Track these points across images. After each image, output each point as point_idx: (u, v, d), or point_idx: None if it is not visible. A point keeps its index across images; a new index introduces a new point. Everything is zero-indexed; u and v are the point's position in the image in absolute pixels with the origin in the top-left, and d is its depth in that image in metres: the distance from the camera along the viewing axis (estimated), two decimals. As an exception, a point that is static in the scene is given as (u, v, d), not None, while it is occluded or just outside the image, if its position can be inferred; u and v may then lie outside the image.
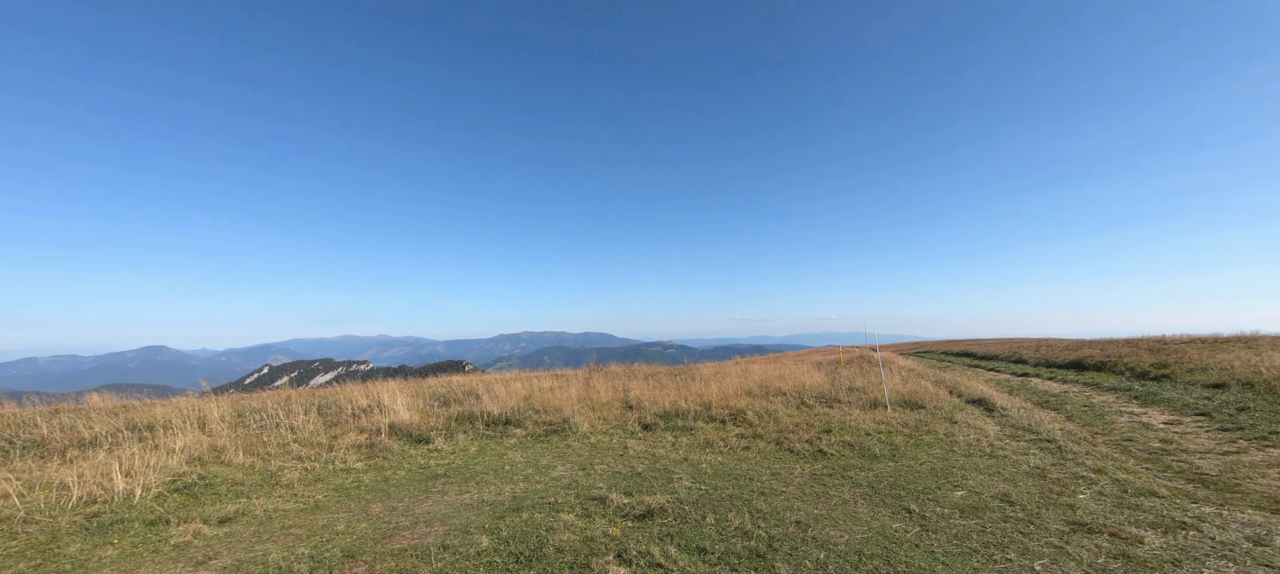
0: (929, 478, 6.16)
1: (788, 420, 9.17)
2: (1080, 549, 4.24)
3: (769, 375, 15.41)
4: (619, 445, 8.48)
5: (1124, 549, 4.19)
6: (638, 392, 12.62)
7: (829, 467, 6.80)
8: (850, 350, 28.78)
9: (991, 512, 5.08)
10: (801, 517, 5.07)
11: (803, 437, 8.13)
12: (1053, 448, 7.22)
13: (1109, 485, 5.68)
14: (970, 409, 10.02)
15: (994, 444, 7.49)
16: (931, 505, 5.29)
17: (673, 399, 11.17)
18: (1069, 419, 9.19)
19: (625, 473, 6.91)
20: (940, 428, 8.42)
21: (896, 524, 4.86)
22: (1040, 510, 5.04)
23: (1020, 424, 8.68)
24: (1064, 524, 4.72)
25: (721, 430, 8.95)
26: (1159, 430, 8.10)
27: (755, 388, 12.85)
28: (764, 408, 10.26)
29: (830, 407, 10.38)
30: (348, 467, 7.73)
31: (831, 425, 8.70)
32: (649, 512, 5.21)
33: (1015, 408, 10.00)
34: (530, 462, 7.72)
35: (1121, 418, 9.06)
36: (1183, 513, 4.88)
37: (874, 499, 5.56)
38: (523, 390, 13.48)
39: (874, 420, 8.99)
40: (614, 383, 15.05)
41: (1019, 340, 26.67)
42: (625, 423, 9.92)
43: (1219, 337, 17.50)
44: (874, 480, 6.15)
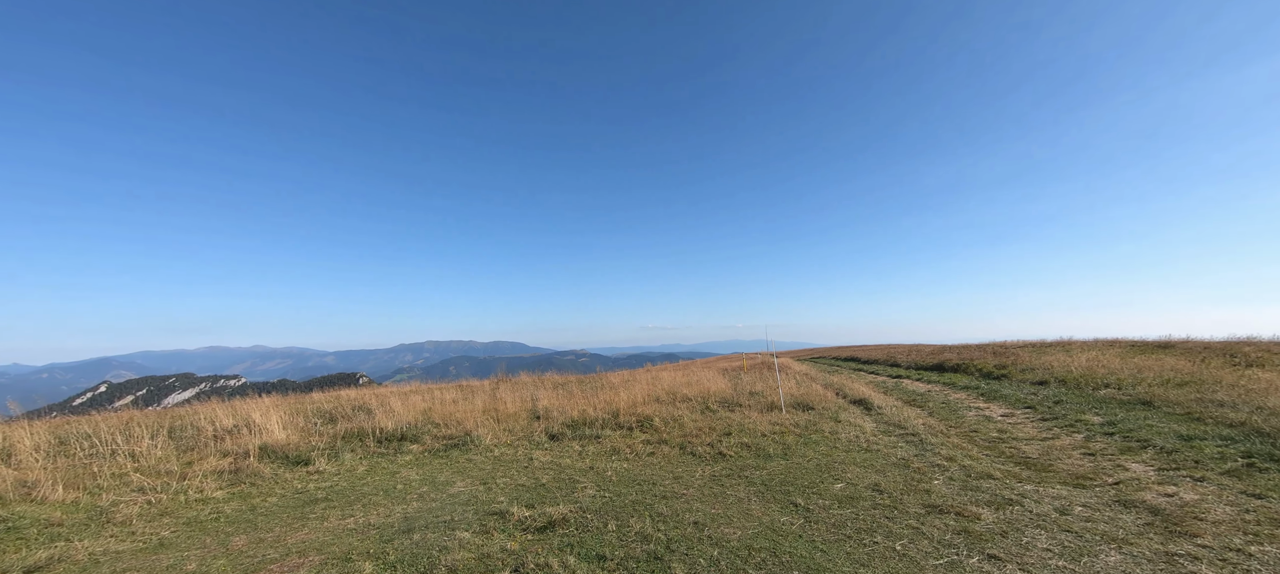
0: (814, 473, 6.69)
1: (692, 425, 9.51)
2: (932, 528, 4.84)
3: (677, 382, 15.87)
4: (524, 457, 8.26)
5: (965, 525, 4.85)
6: (546, 401, 12.40)
7: (728, 468, 7.14)
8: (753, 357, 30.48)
9: (864, 500, 5.64)
10: (700, 517, 5.28)
11: (705, 440, 8.47)
12: (916, 441, 8.17)
13: (957, 471, 6.54)
14: (852, 409, 11.04)
15: (870, 440, 8.32)
16: (815, 498, 5.75)
17: (582, 408, 11.11)
18: (930, 415, 10.46)
19: (529, 485, 6.75)
20: (826, 427, 9.19)
21: (784, 518, 5.23)
22: (903, 497, 5.68)
23: (892, 421, 9.73)
24: (921, 507, 5.36)
25: (628, 437, 9.05)
26: (997, 422, 9.48)
27: (663, 395, 13.16)
28: (671, 414, 10.55)
29: (732, 411, 10.91)
30: (204, 496, 6.77)
31: (732, 429, 9.15)
32: (551, 523, 5.13)
33: (889, 407, 11.19)
34: (426, 479, 7.28)
35: (970, 413, 10.49)
36: (1011, 491, 5.75)
37: (766, 496, 5.93)
38: (422, 403, 12.69)
39: (770, 422, 9.60)
40: (522, 393, 14.66)
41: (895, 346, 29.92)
42: (532, 434, 9.70)
43: (1044, 341, 20.87)
44: (767, 478, 6.56)
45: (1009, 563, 4.12)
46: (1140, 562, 4.08)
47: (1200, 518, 4.81)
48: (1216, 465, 6.18)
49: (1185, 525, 4.66)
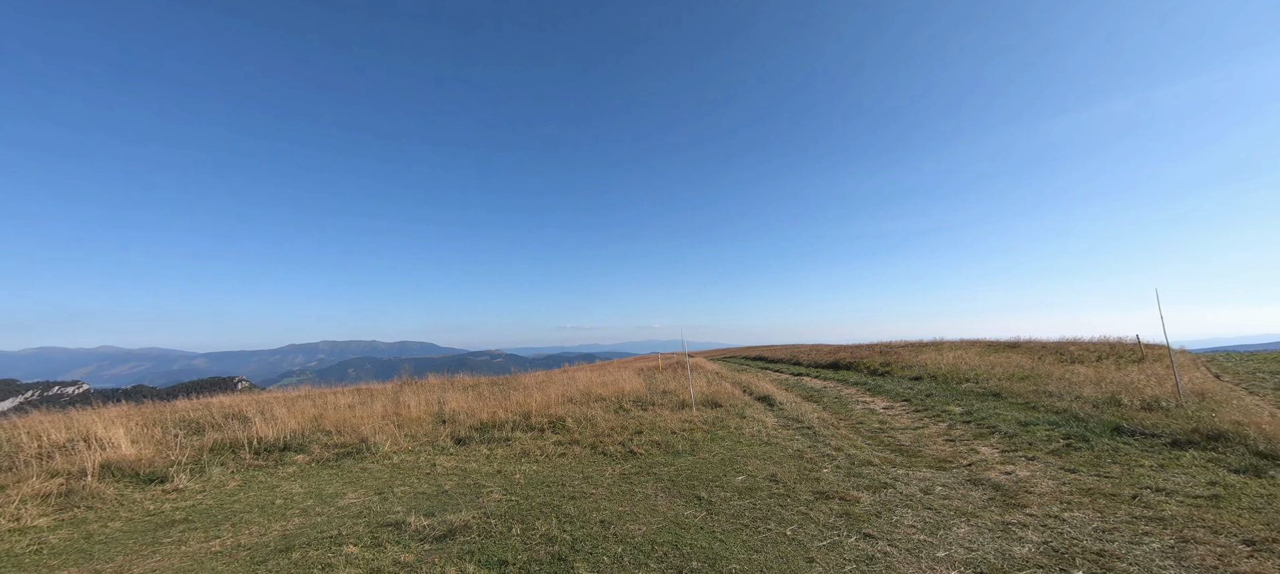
0: (719, 467, 7.01)
1: (605, 425, 9.55)
2: (819, 512, 5.26)
3: (593, 382, 15.87)
4: (426, 463, 7.84)
5: (847, 508, 5.33)
6: (454, 404, 11.86)
7: (637, 466, 7.26)
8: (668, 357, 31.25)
9: (762, 491, 6.00)
10: (607, 515, 5.32)
11: (617, 439, 8.55)
12: (811, 433, 8.84)
13: (844, 460, 7.17)
14: (757, 405, 11.70)
15: (771, 434, 8.86)
16: (717, 491, 6.03)
17: (492, 410, 10.76)
18: (825, 409, 11.37)
19: (430, 492, 6.42)
20: (732, 423, 9.65)
21: (688, 511, 5.42)
22: (796, 485, 6.12)
23: (791, 415, 10.44)
24: (811, 494, 5.81)
25: (539, 439, 8.91)
26: (879, 414, 10.52)
27: (578, 395, 13.10)
28: (584, 414, 10.52)
29: (645, 409, 11.11)
30: (21, 525, 5.70)
31: (644, 427, 9.32)
32: (451, 531, 4.92)
33: (789, 402, 12.00)
34: (312, 492, 6.67)
35: (858, 406, 11.54)
36: (886, 475, 6.41)
37: (672, 492, 6.11)
38: (313, 410, 11.61)
39: (680, 420, 9.90)
40: (429, 396, 13.89)
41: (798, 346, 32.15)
42: (436, 438, 9.22)
43: (921, 342, 23.46)
44: (674, 474, 6.76)
45: (881, 540, 4.58)
46: (983, 531, 4.72)
47: (1030, 491, 5.67)
48: (1044, 446, 7.31)
49: (1018, 498, 5.46)
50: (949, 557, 4.23)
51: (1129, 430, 7.57)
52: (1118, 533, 4.55)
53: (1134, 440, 7.24)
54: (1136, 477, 5.92)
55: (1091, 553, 4.19)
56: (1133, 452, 6.80)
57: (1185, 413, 7.97)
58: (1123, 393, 9.48)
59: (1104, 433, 7.63)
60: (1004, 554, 4.25)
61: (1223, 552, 4.09)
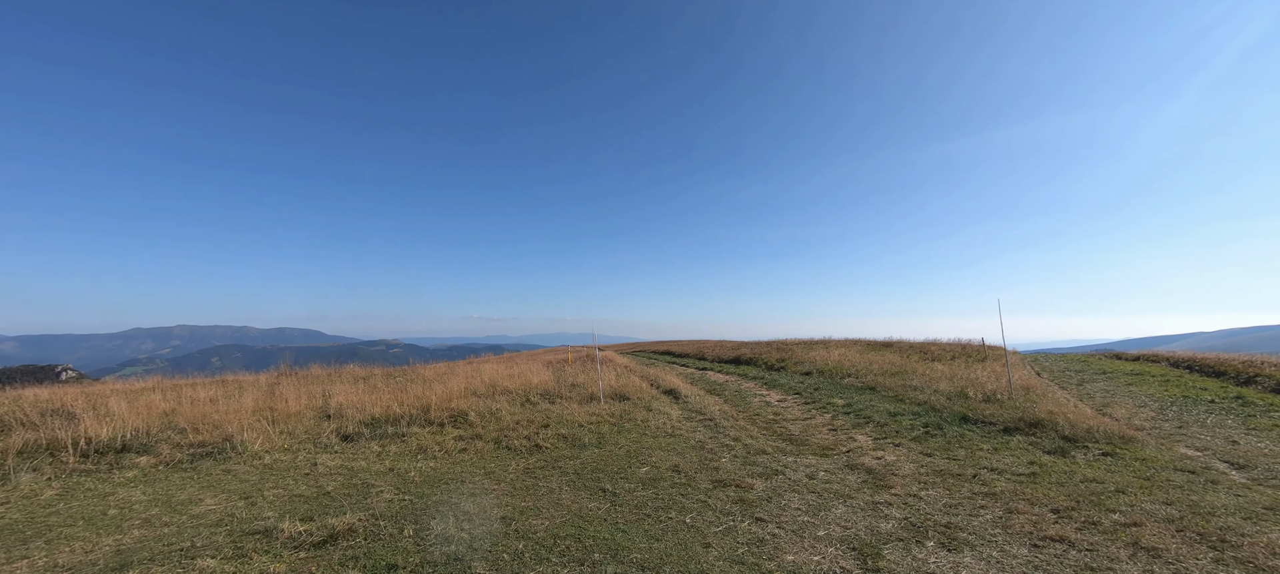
0: (624, 459, 7.11)
1: (510, 419, 9.30)
2: (717, 499, 5.54)
3: (500, 375, 15.36)
4: (305, 463, 7.12)
5: (742, 495, 5.67)
6: (342, 398, 10.88)
7: (543, 460, 7.15)
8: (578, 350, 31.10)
9: (665, 481, 6.19)
10: (509, 511, 5.19)
11: (522, 433, 8.35)
12: (712, 425, 9.27)
13: (741, 450, 7.61)
14: (663, 398, 12.03)
15: (675, 426, 9.16)
16: (622, 483, 6.12)
17: (386, 404, 10.01)
18: (726, 402, 11.98)
19: (309, 495, 5.84)
20: (639, 415, 9.84)
21: (592, 504, 5.44)
22: (696, 475, 6.39)
23: (695, 408, 10.87)
24: (710, 483, 6.10)
25: (439, 434, 8.45)
26: (774, 406, 11.30)
27: (483, 388, 12.61)
28: (489, 408, 10.15)
29: (552, 403, 10.97)
30: None
31: (551, 420, 9.20)
32: (333, 536, 4.51)
33: (694, 396, 12.49)
34: (158, 499, 5.78)
35: (755, 399, 12.31)
36: (778, 463, 6.90)
37: (578, 485, 6.10)
38: (163, 404, 10.06)
39: (588, 413, 9.90)
40: (312, 388, 12.62)
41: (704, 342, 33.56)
42: (320, 435, 8.40)
43: (812, 340, 25.52)
44: (580, 468, 6.76)
45: (770, 523, 4.93)
46: (856, 510, 5.26)
47: (895, 474, 6.41)
48: (908, 434, 8.30)
49: (886, 480, 6.15)
50: (828, 535, 4.66)
51: (973, 419, 8.82)
52: (961, 507, 5.30)
53: (976, 428, 8.46)
54: (976, 459, 6.92)
55: (940, 525, 4.84)
56: (974, 437, 7.95)
57: (1014, 404, 9.46)
58: (969, 387, 11.03)
59: (954, 422, 8.83)
60: (873, 530, 4.76)
61: (1037, 519, 4.91)
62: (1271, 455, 6.86)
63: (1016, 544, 4.44)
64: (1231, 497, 5.36)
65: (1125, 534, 4.53)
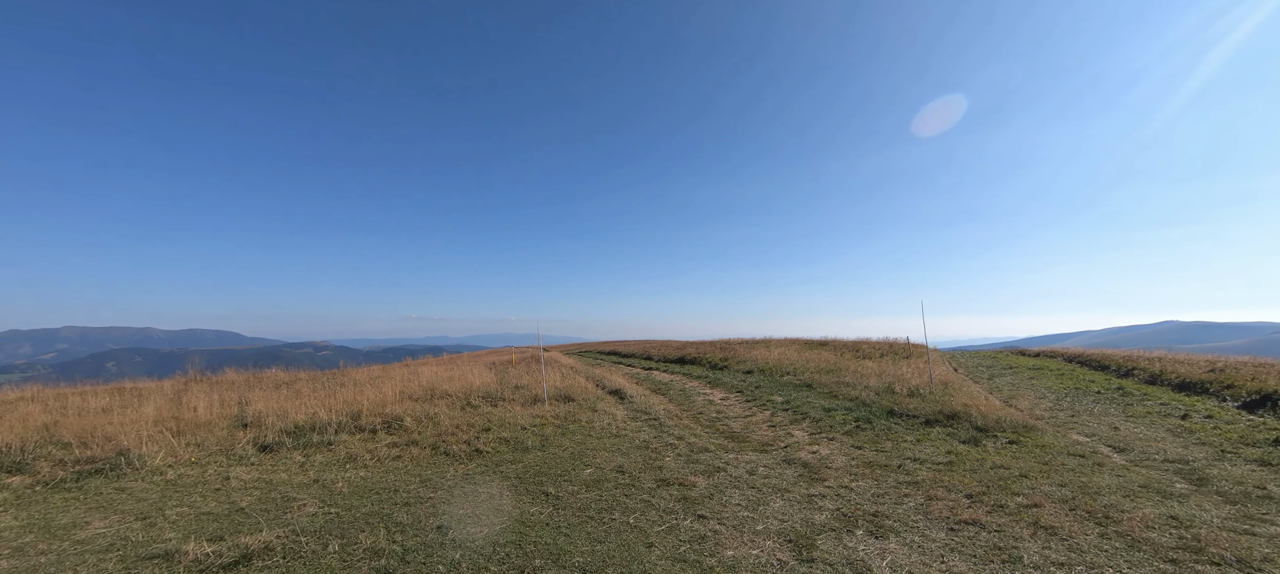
0: (568, 461, 7.02)
1: (449, 423, 8.94)
2: (660, 498, 5.58)
3: (439, 377, 14.76)
4: (216, 477, 6.52)
5: (685, 493, 5.74)
6: (262, 404, 10.07)
7: (483, 464, 6.93)
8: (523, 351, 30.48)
9: (609, 482, 6.16)
10: (446, 520, 4.98)
11: (462, 438, 8.06)
12: (657, 425, 9.35)
13: (685, 448, 7.72)
14: (608, 398, 12.00)
15: (620, 426, 9.16)
16: (565, 485, 6.03)
17: (311, 410, 9.36)
18: (671, 401, 12.12)
19: (220, 512, 5.35)
20: (584, 416, 9.76)
21: (534, 508, 5.33)
22: (641, 474, 6.42)
23: (640, 408, 10.92)
24: (654, 482, 6.13)
25: (370, 441, 8.00)
26: (717, 405, 11.56)
27: (420, 391, 12.07)
28: (426, 412, 9.72)
29: (495, 405, 10.67)
30: None
31: (492, 424, 8.94)
32: (246, 556, 4.15)
33: (639, 396, 12.54)
34: (34, 523, 5.10)
35: (699, 398, 12.54)
36: (720, 460, 7.05)
37: (519, 489, 5.96)
38: (43, 416, 8.93)
39: (532, 415, 9.71)
40: (226, 395, 11.60)
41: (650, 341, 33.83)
42: (234, 446, 7.73)
43: (754, 339, 26.34)
44: (522, 471, 6.60)
45: (712, 519, 5.02)
46: (793, 503, 5.46)
47: (829, 467, 6.72)
48: (841, 428, 8.73)
49: (820, 473, 6.43)
50: (766, 528, 4.81)
51: (899, 413, 9.41)
52: (887, 496, 5.62)
53: (901, 421, 9.03)
54: (901, 450, 7.39)
55: (869, 514, 5.11)
56: (900, 430, 8.48)
57: (935, 398, 10.18)
58: (896, 383, 11.77)
59: (882, 415, 9.38)
60: (808, 522, 4.96)
61: (953, 504, 5.30)
62: (1145, 439, 7.78)
63: (935, 528, 4.77)
64: (1114, 477, 6.02)
65: (1027, 515, 4.98)
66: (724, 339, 27.79)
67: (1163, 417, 9.17)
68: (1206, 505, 5.17)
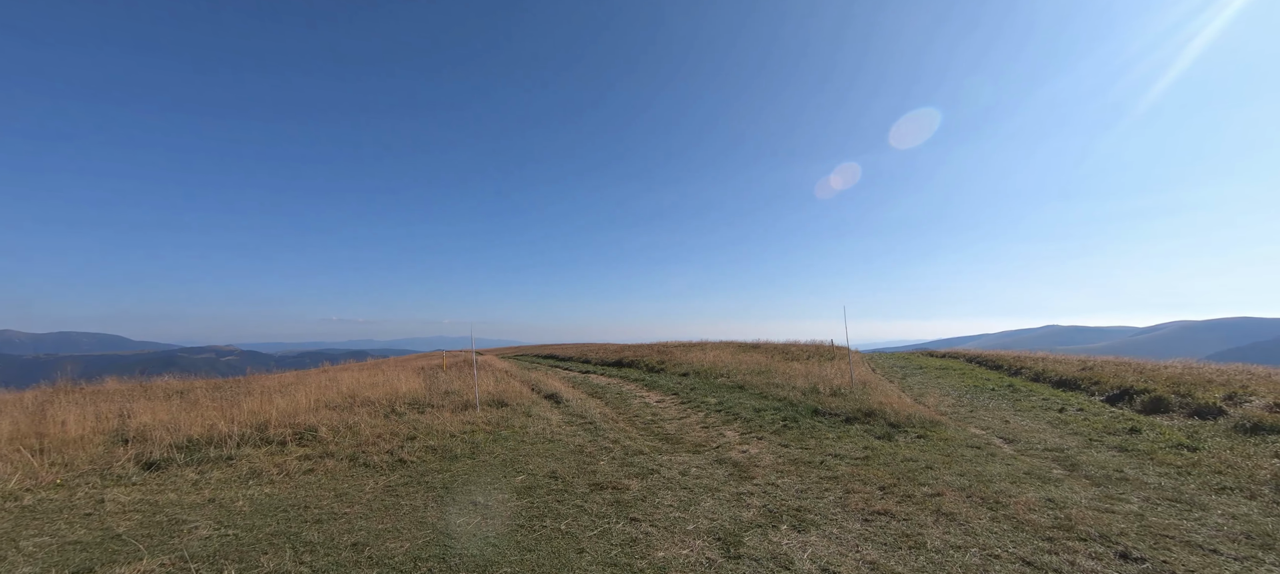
0: (499, 468, 6.82)
1: (370, 432, 8.41)
2: (594, 503, 5.54)
3: (361, 383, 13.85)
4: (88, 501, 5.74)
5: (618, 496, 5.74)
6: (148, 417, 8.98)
7: (407, 475, 6.58)
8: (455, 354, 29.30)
9: (541, 489, 6.04)
10: (362, 536, 4.68)
11: (384, 447, 7.61)
12: (593, 428, 9.29)
13: (620, 451, 7.72)
14: (544, 403, 11.79)
15: (555, 431, 9.01)
16: (495, 493, 5.85)
17: (209, 422, 8.47)
18: (607, 405, 12.10)
19: (90, 540, 4.71)
20: (518, 422, 9.52)
21: (461, 519, 5.12)
22: (574, 480, 6.34)
23: (576, 412, 10.81)
24: (587, 487, 6.08)
25: (279, 454, 7.36)
26: (653, 407, 11.68)
27: (340, 399, 11.28)
28: (345, 421, 9.09)
29: (422, 412, 10.17)
30: None
31: (418, 431, 8.51)
32: (121, 588, 3.68)
33: (575, 399, 12.42)
34: None
35: (635, 400, 12.61)
36: (654, 462, 7.12)
37: (446, 499, 5.70)
38: None
39: (462, 422, 9.34)
40: (103, 407, 10.26)
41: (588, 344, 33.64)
42: (111, 464, 6.84)
43: (691, 342, 26.89)
44: (449, 481, 6.33)
45: (644, 522, 5.05)
46: (723, 501, 5.61)
47: (757, 465, 6.96)
48: (770, 427, 9.09)
49: (749, 472, 6.66)
50: (696, 528, 4.90)
51: (822, 412, 9.94)
52: (810, 491, 5.91)
53: (824, 419, 9.54)
54: (824, 446, 7.80)
55: (793, 509, 5.35)
56: (822, 428, 8.95)
57: (855, 397, 10.85)
58: (820, 383, 12.43)
59: (807, 414, 9.87)
60: (736, 520, 5.11)
61: (868, 497, 5.66)
62: (1030, 430, 8.70)
63: (851, 520, 5.07)
64: (1004, 466, 6.69)
65: (931, 503, 5.41)
66: (662, 342, 28.14)
67: (1044, 410, 10.31)
68: (1077, 488, 5.86)
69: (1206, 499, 5.44)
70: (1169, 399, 9.63)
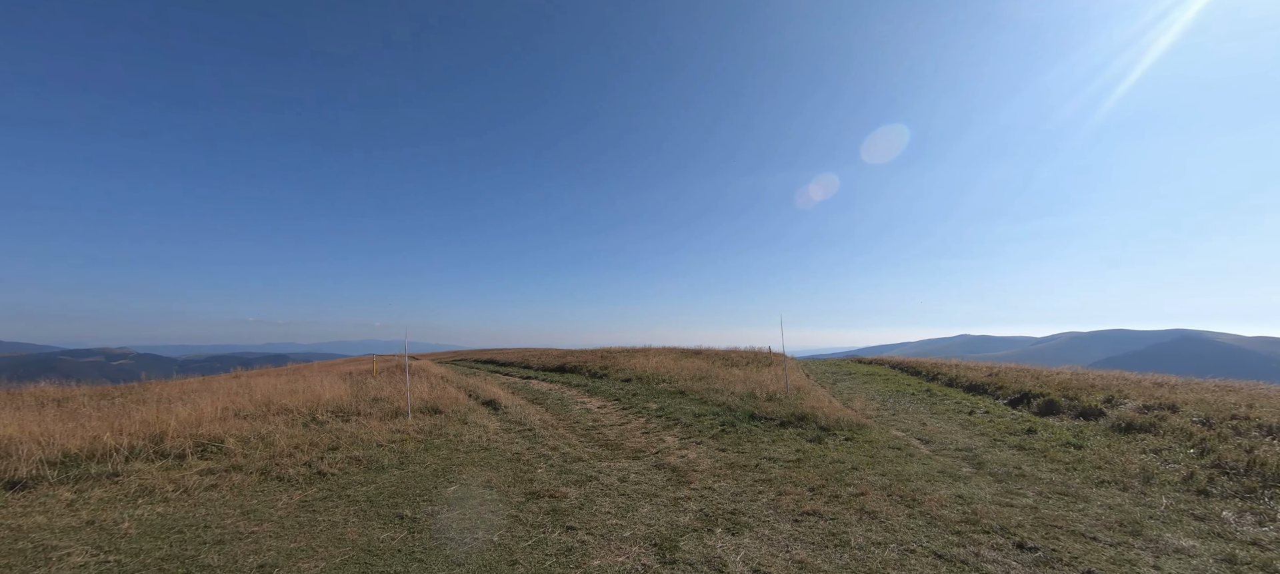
0: (430, 479, 6.51)
1: (287, 443, 7.77)
2: (529, 512, 5.41)
3: (279, 390, 12.82)
4: (-72, 528, 4.92)
5: (555, 504, 5.63)
6: (14, 429, 7.85)
7: (327, 488, 6.14)
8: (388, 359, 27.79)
9: (474, 499, 5.82)
10: (271, 556, 4.30)
11: (302, 459, 7.06)
12: (531, 435, 9.09)
13: (558, 459, 7.59)
14: (481, 410, 11.40)
15: (492, 439, 8.73)
16: (424, 506, 5.57)
17: (92, 434, 7.53)
18: (547, 411, 11.88)
19: (-72, 574, 4.04)
20: (452, 430, 9.14)
21: (385, 535, 4.83)
22: (510, 488, 6.16)
23: (515, 419, 10.53)
24: (523, 496, 5.93)
25: (176, 469, 6.65)
26: (594, 413, 11.59)
27: (252, 407, 10.37)
28: (257, 431, 8.36)
29: (347, 421, 9.53)
30: None
31: (342, 441, 7.97)
32: (-34, 629, 3.17)
33: (515, 406, 12.10)
34: None
35: (577, 406, 12.47)
36: (593, 469, 7.05)
37: (369, 514, 5.37)
38: None
39: (391, 430, 8.85)
40: (-45, 419, 8.85)
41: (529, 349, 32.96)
42: (-39, 485, 5.91)
43: (634, 348, 26.98)
44: (375, 494, 5.96)
45: (581, 530, 4.98)
46: (661, 507, 5.64)
47: (695, 470, 7.06)
48: (708, 432, 9.26)
49: (687, 477, 6.74)
50: (633, 535, 4.89)
51: (759, 416, 10.26)
52: (744, 494, 6.07)
53: (760, 424, 9.85)
54: (759, 450, 8.04)
55: (728, 513, 5.46)
56: (758, 432, 9.23)
57: (789, 402, 11.28)
58: (757, 389, 12.83)
59: (744, 419, 10.14)
60: (673, 524, 5.15)
61: (798, 498, 5.88)
62: (944, 432, 9.38)
63: (782, 520, 5.25)
64: (920, 465, 7.16)
65: (856, 502, 5.70)
66: (605, 347, 28.04)
67: (957, 413, 11.17)
68: (982, 484, 6.38)
69: (1088, 492, 6.08)
70: (1060, 402, 10.70)
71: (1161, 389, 11.09)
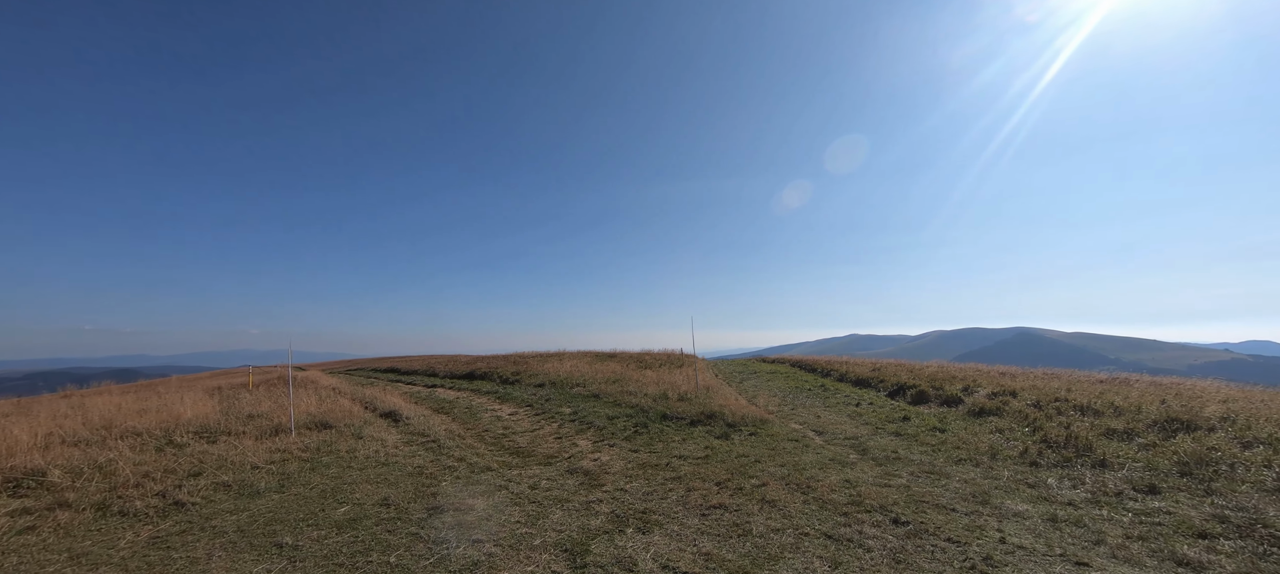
0: (317, 501, 5.91)
1: (133, 471, 6.66)
2: (431, 529, 5.10)
3: (124, 410, 10.97)
4: None
5: (460, 518, 5.37)
6: None
7: (186, 520, 5.35)
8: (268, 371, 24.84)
9: (370, 519, 5.38)
10: (109, 606, 3.66)
11: (153, 489, 6.09)
12: (436, 447, 8.58)
13: (465, 469, 7.24)
14: (379, 422, 10.56)
15: (391, 453, 8.13)
16: (309, 531, 5.05)
17: None
18: (454, 420, 11.29)
19: None
20: (345, 445, 8.38)
21: (259, 566, 4.32)
22: (410, 505, 5.77)
23: (418, 430, 9.88)
24: (425, 512, 5.58)
25: (-24, 511, 5.43)
26: (505, 420, 11.21)
27: (87, 431, 8.78)
28: (94, 459, 7.08)
29: (214, 442, 8.38)
30: None
31: (207, 465, 7.00)
32: None
33: (417, 416, 11.36)
34: None
35: (486, 414, 11.99)
36: (502, 478, 6.81)
37: (240, 544, 4.76)
38: None
39: (270, 449, 7.92)
40: None
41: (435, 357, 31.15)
42: None
43: (547, 352, 26.49)
44: (247, 522, 5.30)
45: (487, 542, 4.79)
46: (572, 512, 5.58)
47: (608, 472, 7.09)
48: (621, 434, 9.34)
49: (600, 479, 6.74)
50: (543, 542, 4.80)
51: (671, 416, 10.53)
52: (655, 493, 6.19)
53: (671, 423, 10.11)
54: (670, 449, 8.25)
55: (639, 512, 5.54)
56: (670, 431, 9.48)
57: (699, 401, 11.70)
58: (670, 390, 13.17)
59: (657, 420, 10.36)
60: (584, 528, 5.12)
61: (706, 491, 6.11)
62: (835, 423, 10.25)
63: (691, 516, 5.43)
64: (815, 455, 7.76)
65: (758, 493, 6.05)
66: (518, 352, 27.26)
67: (846, 405, 12.26)
68: (866, 469, 7.06)
69: (950, 469, 6.96)
70: (928, 392, 12.15)
71: (1006, 378, 12.99)
